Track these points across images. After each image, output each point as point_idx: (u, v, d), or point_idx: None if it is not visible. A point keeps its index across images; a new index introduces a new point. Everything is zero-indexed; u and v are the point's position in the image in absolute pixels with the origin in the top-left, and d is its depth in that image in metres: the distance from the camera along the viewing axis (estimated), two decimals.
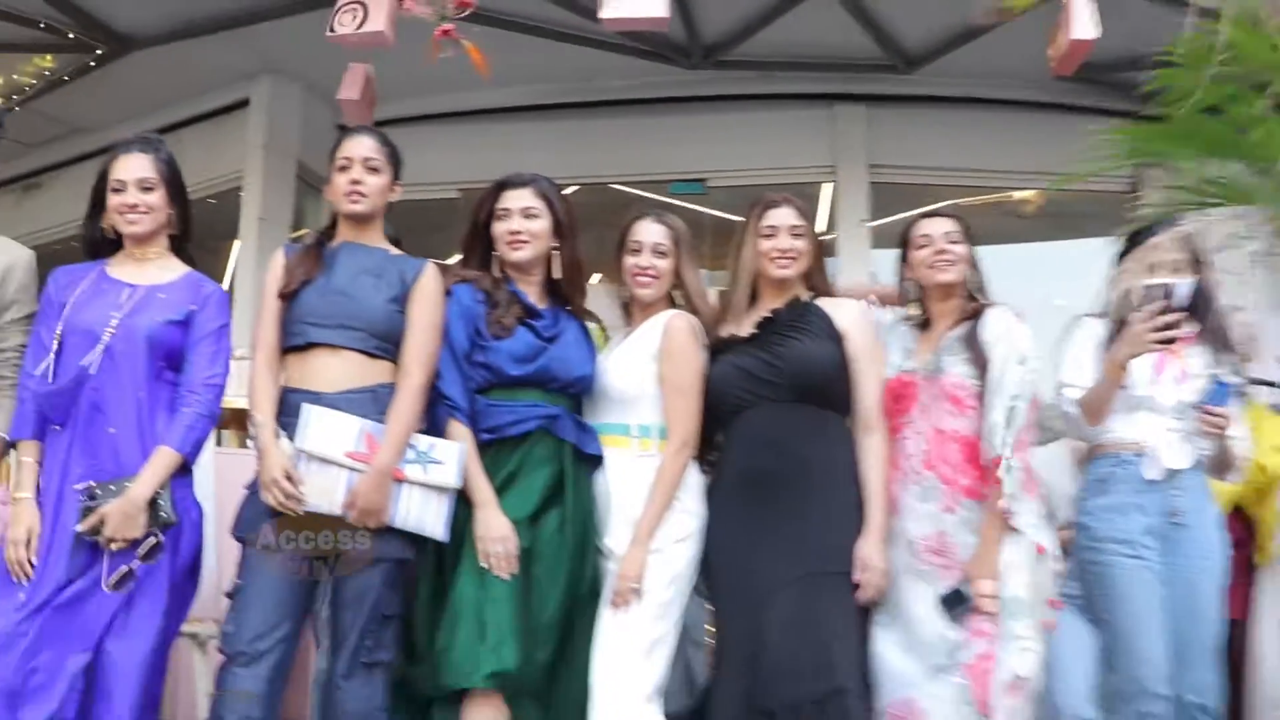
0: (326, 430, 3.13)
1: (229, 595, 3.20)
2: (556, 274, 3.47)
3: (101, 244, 3.41)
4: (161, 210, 3.36)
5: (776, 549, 3.28)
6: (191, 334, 3.29)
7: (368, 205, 3.36)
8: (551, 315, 3.45)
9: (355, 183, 3.33)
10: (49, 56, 7.47)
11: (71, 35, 7.22)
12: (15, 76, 7.58)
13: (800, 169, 7.68)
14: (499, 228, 3.45)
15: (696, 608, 3.56)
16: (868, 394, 3.45)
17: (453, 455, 3.22)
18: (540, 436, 3.34)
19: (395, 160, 3.43)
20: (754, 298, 3.55)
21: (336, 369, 3.23)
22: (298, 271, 3.31)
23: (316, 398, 3.18)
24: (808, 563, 3.25)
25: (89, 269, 3.37)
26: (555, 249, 3.45)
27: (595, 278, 3.76)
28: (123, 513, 3.12)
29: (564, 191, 3.51)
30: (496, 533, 3.22)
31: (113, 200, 3.33)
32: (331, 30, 4.57)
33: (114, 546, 3.12)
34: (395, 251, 3.41)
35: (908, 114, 7.71)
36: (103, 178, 3.36)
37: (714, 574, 3.38)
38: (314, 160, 7.42)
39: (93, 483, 3.16)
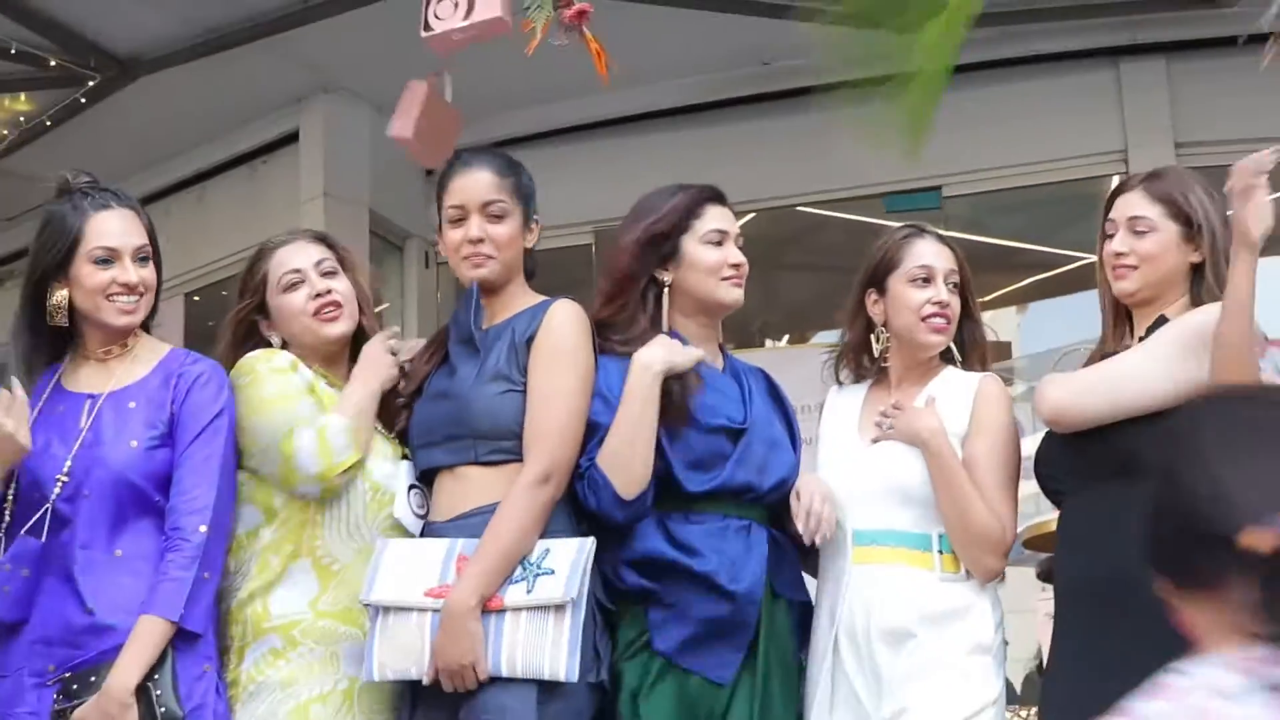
0: (406, 568, 2.59)
1: None
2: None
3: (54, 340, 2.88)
4: (153, 291, 2.92)
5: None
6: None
7: (494, 269, 2.88)
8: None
9: (475, 241, 2.88)
10: (22, 96, 6.29)
11: (53, 63, 5.94)
12: None
13: (1074, 161, 6.25)
14: (712, 257, 2.95)
15: None
16: None
17: (568, 558, 2.54)
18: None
19: (526, 194, 2.96)
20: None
21: (451, 493, 2.72)
22: (410, 380, 2.92)
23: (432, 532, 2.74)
24: None
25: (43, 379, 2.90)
26: None
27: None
28: (102, 712, 2.59)
29: (743, 219, 3.20)
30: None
31: (95, 277, 2.79)
32: (426, 28, 3.84)
33: None
34: (526, 305, 2.86)
35: (1229, 65, 5.89)
36: (62, 241, 2.80)
37: None
38: (390, 207, 6.63)
39: (67, 673, 2.69)
